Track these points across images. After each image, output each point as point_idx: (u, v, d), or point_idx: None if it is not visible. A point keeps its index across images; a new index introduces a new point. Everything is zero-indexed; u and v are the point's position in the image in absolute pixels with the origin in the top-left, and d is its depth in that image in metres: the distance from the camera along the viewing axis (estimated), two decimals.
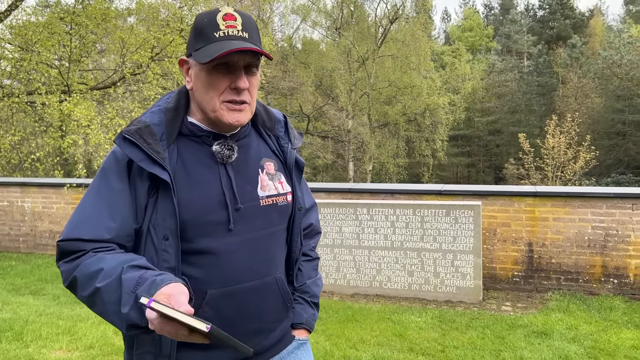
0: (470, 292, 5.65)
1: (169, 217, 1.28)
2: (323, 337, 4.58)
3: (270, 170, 1.47)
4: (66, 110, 7.02)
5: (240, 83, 1.32)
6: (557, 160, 18.99)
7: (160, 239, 1.28)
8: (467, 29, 51.68)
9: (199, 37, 1.32)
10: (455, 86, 35.56)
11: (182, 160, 1.34)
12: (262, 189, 1.43)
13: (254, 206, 1.40)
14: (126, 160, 1.30)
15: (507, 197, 6.07)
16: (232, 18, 1.31)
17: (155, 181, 1.29)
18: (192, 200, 1.31)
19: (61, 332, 4.61)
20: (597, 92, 36.11)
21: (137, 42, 8.27)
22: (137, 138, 1.28)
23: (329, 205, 6.12)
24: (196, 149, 1.37)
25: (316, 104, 28.28)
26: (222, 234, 1.33)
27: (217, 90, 1.32)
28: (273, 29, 30.88)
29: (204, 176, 1.35)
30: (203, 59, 1.27)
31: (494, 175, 39.38)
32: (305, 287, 1.62)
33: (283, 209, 1.48)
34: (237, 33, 1.30)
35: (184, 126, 1.38)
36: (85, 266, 1.21)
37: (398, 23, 29.68)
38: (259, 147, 1.49)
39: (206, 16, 1.33)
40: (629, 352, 4.19)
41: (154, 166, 1.27)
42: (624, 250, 5.70)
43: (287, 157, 1.53)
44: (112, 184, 1.29)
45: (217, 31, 1.30)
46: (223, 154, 1.37)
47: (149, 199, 1.30)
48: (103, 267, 1.19)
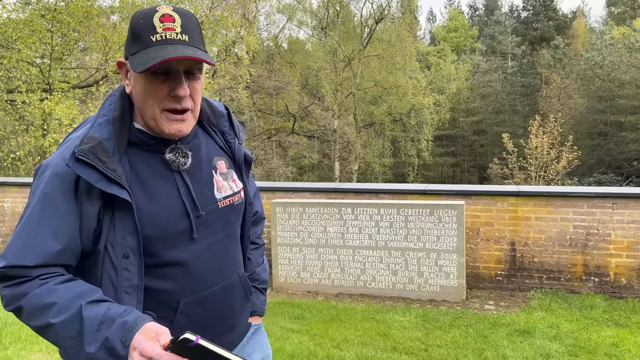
0: (453, 291, 5.68)
1: (129, 235, 1.23)
2: (307, 337, 4.57)
3: (223, 170, 1.45)
4: (47, 108, 6.92)
5: (179, 91, 1.24)
6: (540, 160, 19.20)
7: (120, 257, 1.23)
8: (452, 30, 52.00)
9: (136, 39, 1.24)
10: (440, 86, 35.79)
11: (136, 172, 1.28)
12: (218, 190, 1.41)
13: (214, 210, 1.39)
14: (73, 179, 1.21)
15: (490, 196, 6.12)
16: (170, 19, 1.22)
17: (108, 199, 1.22)
18: (153, 215, 1.27)
19: None
20: (580, 92, 36.63)
21: (121, 40, 8.17)
22: (92, 158, 1.19)
23: (314, 205, 6.11)
24: (148, 159, 1.32)
25: (302, 103, 28.27)
26: (187, 243, 1.32)
27: (156, 98, 1.25)
28: (259, 28, 30.80)
29: (160, 187, 1.30)
30: (137, 68, 1.19)
31: (478, 175, 39.74)
32: (255, 275, 1.66)
33: (238, 208, 1.49)
34: (175, 36, 1.22)
35: (132, 135, 1.31)
36: (33, 297, 1.17)
37: (384, 23, 29.80)
38: (208, 146, 1.45)
39: (143, 16, 1.24)
40: (609, 350, 4.24)
41: (112, 186, 1.20)
42: (604, 249, 5.77)
43: (235, 153, 1.51)
44: (57, 206, 1.21)
45: (153, 34, 1.21)
46: (178, 162, 1.32)
47: (103, 217, 1.23)
48: (56, 302, 1.15)
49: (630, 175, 31.39)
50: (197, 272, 1.33)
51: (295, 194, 6.80)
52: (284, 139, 29.05)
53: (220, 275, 1.40)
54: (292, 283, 6.18)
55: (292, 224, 6.15)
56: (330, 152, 29.06)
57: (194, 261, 1.32)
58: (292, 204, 6.17)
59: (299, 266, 6.16)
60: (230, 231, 1.45)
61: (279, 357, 4.10)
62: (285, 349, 4.24)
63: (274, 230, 6.21)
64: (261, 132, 28.57)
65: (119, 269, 1.23)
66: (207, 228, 1.36)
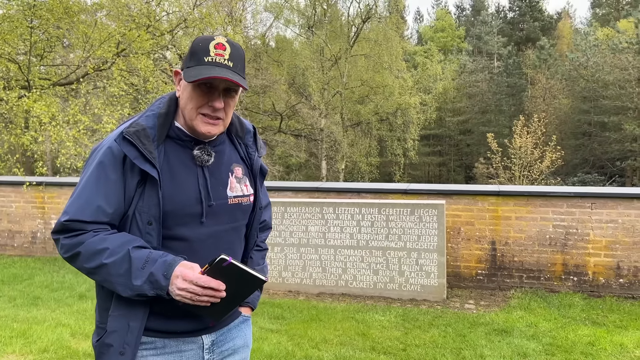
0: (434, 290, 5.69)
1: (153, 206, 1.52)
2: (286, 337, 4.54)
3: (239, 175, 1.72)
4: (25, 106, 6.81)
5: (215, 103, 1.56)
6: (524, 160, 19.33)
7: (145, 223, 1.52)
8: (439, 30, 52.19)
9: (192, 57, 1.56)
10: (427, 86, 35.89)
11: (168, 159, 1.58)
12: (230, 190, 1.68)
13: (223, 204, 1.65)
14: (121, 155, 1.52)
15: (471, 196, 6.14)
16: (223, 48, 1.55)
17: (144, 175, 1.52)
18: (173, 195, 1.55)
19: (15, 335, 4.47)
20: (565, 93, 36.98)
21: (102, 37, 8.07)
22: (135, 139, 1.51)
23: (296, 204, 6.09)
24: (180, 151, 1.61)
25: (289, 102, 28.17)
26: (196, 225, 1.59)
27: (197, 104, 1.56)
28: (245, 27, 30.64)
29: (184, 175, 1.59)
30: (188, 78, 1.52)
31: (464, 175, 39.99)
32: None
33: (246, 208, 1.74)
34: (223, 61, 1.54)
35: (172, 130, 1.61)
36: (89, 244, 1.48)
37: (371, 22, 29.79)
38: (230, 153, 1.74)
39: (202, 41, 1.57)
40: (585, 348, 4.27)
41: (145, 164, 1.50)
42: (583, 249, 5.82)
43: (253, 164, 1.79)
44: (109, 175, 1.51)
45: (207, 56, 1.53)
46: (202, 158, 1.62)
47: (137, 190, 1.53)
48: (108, 247, 1.46)
49: (613, 174, 31.78)
50: (199, 250, 1.58)
51: (277, 193, 6.77)
52: (270, 138, 28.92)
53: None
54: (274, 283, 6.15)
55: (273, 223, 6.10)
56: (318, 151, 29.00)
57: (198, 241, 1.59)
58: (273, 203, 6.13)
59: (280, 266, 6.13)
60: (235, 226, 1.70)
61: (257, 357, 4.08)
62: (263, 349, 4.21)
63: None
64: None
65: (143, 232, 1.53)
66: (215, 217, 1.62)
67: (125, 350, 1.52)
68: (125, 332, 1.52)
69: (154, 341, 1.58)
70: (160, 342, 1.59)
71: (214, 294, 1.44)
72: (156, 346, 1.59)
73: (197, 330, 1.63)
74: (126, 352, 1.52)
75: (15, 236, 7.91)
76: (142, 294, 1.46)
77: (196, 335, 1.64)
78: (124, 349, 1.52)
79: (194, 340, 1.64)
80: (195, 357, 1.65)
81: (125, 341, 1.52)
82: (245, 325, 1.84)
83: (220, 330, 1.72)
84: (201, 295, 1.43)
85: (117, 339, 1.52)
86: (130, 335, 1.52)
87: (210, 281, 1.43)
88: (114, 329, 1.52)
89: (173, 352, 1.61)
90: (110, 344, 1.52)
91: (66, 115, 7.59)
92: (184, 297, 1.43)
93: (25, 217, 7.85)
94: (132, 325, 1.52)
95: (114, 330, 1.52)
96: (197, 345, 1.65)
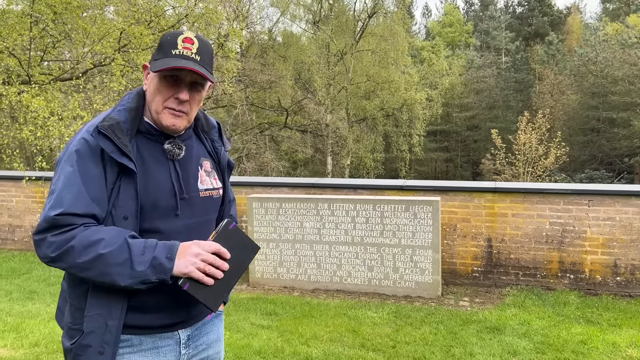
0: (428, 287, 5.66)
1: (130, 200, 1.52)
2: (276, 333, 4.54)
3: (207, 168, 1.76)
4: (25, 101, 6.84)
5: (180, 95, 1.58)
6: (528, 156, 19.16)
7: (120, 218, 1.52)
8: (447, 25, 51.85)
9: (160, 50, 1.59)
10: (433, 81, 35.69)
11: (140, 154, 1.59)
12: (201, 183, 1.71)
13: (195, 197, 1.68)
14: (99, 149, 1.51)
15: (467, 192, 6.10)
16: (191, 42, 1.58)
17: (120, 170, 1.52)
18: (148, 189, 1.56)
19: (8, 329, 4.50)
20: (573, 89, 36.63)
21: (101, 32, 8.08)
22: (110, 133, 1.51)
23: (291, 200, 6.08)
24: (151, 146, 1.62)
25: (295, 97, 28.12)
26: (170, 218, 1.61)
27: (163, 96, 1.58)
28: (252, 22, 30.61)
29: (157, 169, 1.61)
30: (154, 68, 1.55)
31: (471, 171, 39.77)
32: None
33: (216, 201, 1.78)
34: (190, 55, 1.56)
35: (142, 125, 1.62)
36: (83, 237, 1.44)
37: (377, 18, 29.64)
38: (198, 148, 1.77)
39: (171, 35, 1.60)
40: (577, 347, 4.24)
41: (122, 157, 1.51)
42: (580, 246, 5.77)
43: (220, 158, 1.82)
44: (92, 169, 1.51)
45: (174, 49, 1.56)
46: (174, 152, 1.64)
47: (114, 184, 1.53)
48: (103, 237, 1.44)
49: (621, 171, 31.52)
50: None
51: (273, 189, 6.77)
52: (276, 133, 28.92)
53: None
54: (269, 279, 6.16)
55: (268, 219, 6.12)
56: (323, 147, 28.95)
57: (174, 233, 1.59)
58: (268, 199, 6.13)
59: (275, 262, 6.13)
60: (207, 218, 1.73)
61: (246, 353, 4.08)
62: (252, 345, 4.22)
63: (250, 226, 6.17)
64: (254, 126, 28.42)
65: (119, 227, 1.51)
66: (189, 210, 1.65)
67: (104, 350, 1.49)
68: (104, 331, 1.49)
69: (130, 339, 1.57)
70: (137, 339, 1.58)
71: (221, 264, 1.49)
72: (132, 343, 1.57)
73: (173, 324, 1.63)
74: (105, 352, 1.50)
75: (15, 230, 7.96)
76: (145, 280, 1.44)
77: (172, 330, 1.64)
78: (103, 348, 1.49)
79: (171, 336, 1.64)
80: (172, 353, 1.65)
81: (104, 340, 1.49)
82: (218, 320, 1.86)
83: (195, 325, 1.72)
84: (212, 263, 1.47)
85: (96, 339, 1.49)
86: (108, 334, 1.50)
87: (220, 247, 1.49)
88: (91, 329, 1.49)
89: (150, 348, 1.60)
90: (88, 345, 1.49)
91: (65, 110, 7.61)
92: (197, 267, 1.45)
93: (25, 212, 7.90)
94: (110, 324, 1.50)
95: (92, 331, 1.49)
96: (173, 341, 1.65)
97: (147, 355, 1.60)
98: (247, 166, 25.56)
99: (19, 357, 3.99)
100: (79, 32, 8.63)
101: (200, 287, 1.48)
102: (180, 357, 1.67)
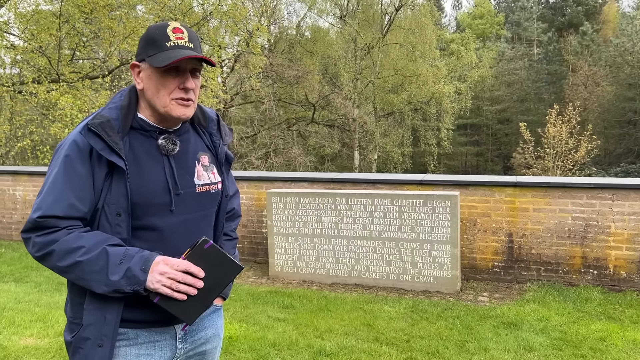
0: (447, 282, 5.63)
1: (122, 197, 1.52)
2: (292, 326, 4.60)
3: (205, 163, 1.74)
4: (53, 99, 7.07)
5: (188, 84, 1.58)
6: (557, 149, 18.72)
7: (114, 215, 1.53)
8: (477, 17, 50.96)
9: (152, 45, 1.57)
10: (462, 74, 35.16)
11: (133, 151, 1.58)
12: (198, 178, 1.70)
13: (191, 192, 1.67)
14: (88, 148, 1.52)
15: (487, 187, 6.03)
16: (180, 31, 1.58)
17: (111, 167, 1.53)
18: (141, 186, 1.56)
19: (35, 319, 4.68)
20: (608, 80, 35.57)
21: (127, 31, 8.27)
22: (100, 130, 1.52)
23: (309, 195, 6.12)
24: (144, 142, 1.62)
25: (322, 92, 28.14)
26: (166, 214, 1.60)
27: (168, 90, 1.57)
28: (280, 17, 30.71)
29: (150, 166, 1.60)
30: (159, 64, 1.52)
31: (502, 165, 39.08)
32: None
33: (214, 196, 1.77)
34: (184, 43, 1.57)
35: (135, 121, 1.62)
36: (64, 242, 1.47)
37: (404, 10, 29.37)
38: (195, 142, 1.75)
39: (158, 28, 1.60)
40: (595, 344, 4.16)
41: (112, 154, 1.50)
42: (604, 241, 5.64)
43: (218, 152, 1.80)
44: (78, 169, 1.51)
45: (168, 41, 1.56)
46: (168, 147, 1.63)
47: (104, 182, 1.53)
48: (84, 245, 1.46)
49: None
50: (169, 239, 1.61)
51: (293, 184, 6.82)
52: (304, 128, 29.01)
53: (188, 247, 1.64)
54: (288, 272, 6.22)
55: (287, 214, 6.18)
56: (350, 142, 28.91)
57: (169, 230, 1.61)
58: (287, 194, 6.19)
59: (294, 255, 6.19)
60: (204, 214, 1.73)
61: (261, 345, 4.15)
62: (267, 337, 4.29)
63: (270, 220, 6.25)
64: (281, 122, 28.56)
65: (113, 224, 1.53)
66: (184, 206, 1.64)
67: (103, 342, 1.53)
68: (102, 324, 1.53)
69: (127, 332, 1.59)
70: (133, 333, 1.60)
71: (193, 282, 1.46)
72: (129, 337, 1.60)
73: (169, 319, 1.63)
74: (104, 344, 1.53)
75: None
76: (118, 290, 1.45)
77: (169, 324, 1.65)
78: (102, 341, 1.52)
79: (167, 330, 1.66)
80: (168, 347, 1.67)
81: (103, 333, 1.52)
82: (217, 315, 1.87)
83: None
84: (181, 281, 1.45)
85: (94, 331, 1.53)
86: (107, 327, 1.53)
87: (190, 265, 1.46)
88: (90, 322, 1.53)
89: (146, 342, 1.62)
90: (87, 337, 1.53)
91: (93, 107, 7.83)
92: (164, 284, 1.44)
93: None
94: (109, 317, 1.53)
95: (90, 324, 1.53)
96: (170, 335, 1.67)
97: (143, 348, 1.62)
98: (274, 161, 25.72)
99: (44, 346, 4.15)
100: (106, 31, 8.86)
101: (173, 302, 1.48)
102: (177, 351, 1.69)
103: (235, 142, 24.32)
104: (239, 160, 23.64)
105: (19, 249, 7.64)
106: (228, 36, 19.70)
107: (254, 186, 7.02)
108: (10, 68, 10.24)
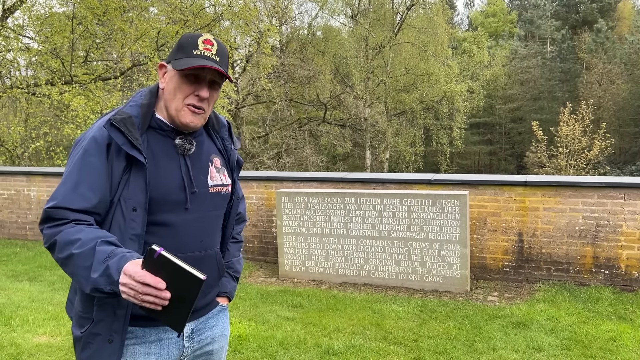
0: (456, 282, 5.62)
1: (140, 192, 1.56)
2: (300, 325, 4.62)
3: (218, 165, 1.80)
4: (66, 100, 7.17)
5: (202, 92, 1.63)
6: (570, 148, 18.53)
7: (130, 210, 1.55)
8: (490, 15, 50.66)
9: (181, 50, 1.63)
10: (474, 73, 34.94)
11: (151, 148, 1.63)
12: (211, 179, 1.76)
13: (205, 192, 1.72)
14: (106, 143, 1.56)
15: (497, 186, 6.00)
16: (210, 43, 1.64)
17: (129, 162, 1.56)
18: (157, 182, 1.60)
19: (48, 318, 4.76)
20: (623, 78, 35.14)
21: (138, 33, 8.35)
22: (122, 126, 1.56)
23: (318, 195, 6.14)
24: (162, 141, 1.67)
25: (333, 92, 28.14)
26: (180, 211, 1.65)
27: (183, 94, 1.63)
28: (292, 18, 30.76)
29: (167, 164, 1.65)
30: (179, 67, 1.59)
31: (516, 164, 38.79)
32: (230, 264, 1.96)
33: (225, 197, 1.82)
34: (210, 55, 1.62)
35: (153, 121, 1.67)
36: (65, 234, 1.47)
37: (415, 9, 29.27)
38: (209, 145, 1.82)
39: (191, 37, 1.65)
40: (605, 344, 4.13)
41: (133, 149, 1.54)
42: (615, 241, 5.60)
43: (230, 156, 1.87)
44: (94, 163, 1.54)
45: (195, 50, 1.62)
46: (185, 147, 1.68)
47: (122, 177, 1.56)
48: (81, 238, 1.44)
49: None
50: (181, 235, 1.65)
51: (303, 184, 6.85)
52: (315, 128, 29.03)
53: (199, 245, 1.71)
54: (298, 272, 6.25)
55: (297, 214, 6.21)
56: (362, 141, 28.89)
57: (182, 227, 1.65)
58: (296, 194, 6.22)
59: (304, 255, 6.22)
60: (215, 214, 1.78)
61: (269, 344, 4.18)
62: (276, 336, 4.31)
63: (279, 220, 6.28)
64: (293, 122, 28.61)
65: (128, 219, 1.55)
66: (198, 204, 1.69)
67: (113, 338, 1.54)
68: (112, 320, 1.54)
69: (134, 330, 1.61)
70: (141, 332, 1.62)
71: (156, 293, 1.31)
72: (136, 335, 1.61)
73: None
74: (114, 340, 1.54)
75: None
76: (98, 288, 1.39)
77: None
78: (112, 337, 1.54)
79: None
80: (175, 345, 1.69)
81: (112, 329, 1.54)
82: (223, 315, 1.90)
83: (199, 319, 1.77)
84: (142, 293, 1.31)
85: (104, 327, 1.54)
86: (117, 322, 1.54)
87: (145, 276, 1.31)
88: (100, 317, 1.54)
89: (153, 340, 1.64)
90: (97, 333, 1.54)
91: (105, 108, 7.92)
92: (128, 295, 1.34)
93: None
94: (119, 313, 1.53)
95: (101, 319, 1.54)
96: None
97: (151, 347, 1.64)
98: (286, 161, 25.78)
99: (56, 343, 4.22)
100: (117, 33, 8.96)
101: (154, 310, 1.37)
102: (184, 350, 1.71)
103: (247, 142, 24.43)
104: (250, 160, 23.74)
105: (33, 249, 7.77)
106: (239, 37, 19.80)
107: (264, 186, 7.06)
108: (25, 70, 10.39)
